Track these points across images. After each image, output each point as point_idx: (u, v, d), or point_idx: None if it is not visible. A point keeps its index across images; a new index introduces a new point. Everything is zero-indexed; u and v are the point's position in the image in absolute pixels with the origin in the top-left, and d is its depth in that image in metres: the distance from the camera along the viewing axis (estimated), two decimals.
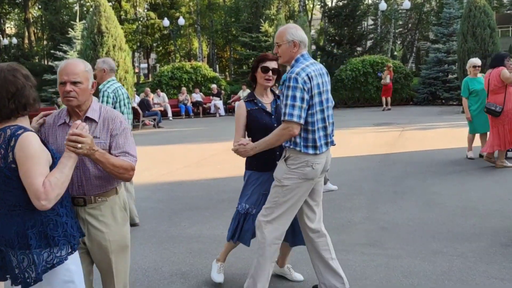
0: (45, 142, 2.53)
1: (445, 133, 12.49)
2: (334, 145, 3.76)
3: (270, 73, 3.87)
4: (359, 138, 12.34)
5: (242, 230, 3.99)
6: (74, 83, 2.72)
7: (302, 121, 3.38)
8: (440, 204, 6.34)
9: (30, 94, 2.52)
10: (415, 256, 4.63)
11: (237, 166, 9.23)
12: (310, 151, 3.49)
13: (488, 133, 9.04)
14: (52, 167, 2.46)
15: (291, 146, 3.51)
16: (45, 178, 2.36)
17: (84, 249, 2.88)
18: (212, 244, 5.21)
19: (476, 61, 9.16)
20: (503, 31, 40.81)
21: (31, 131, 2.47)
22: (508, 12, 45.17)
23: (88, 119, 2.78)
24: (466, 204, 6.31)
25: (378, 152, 10.36)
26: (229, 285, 4.19)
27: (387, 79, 20.64)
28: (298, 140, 3.49)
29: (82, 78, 2.74)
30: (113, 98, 5.65)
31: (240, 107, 3.95)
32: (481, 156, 9.17)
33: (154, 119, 19.09)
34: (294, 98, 3.36)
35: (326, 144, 3.62)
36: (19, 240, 2.43)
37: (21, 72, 2.51)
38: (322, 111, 3.54)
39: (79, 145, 2.47)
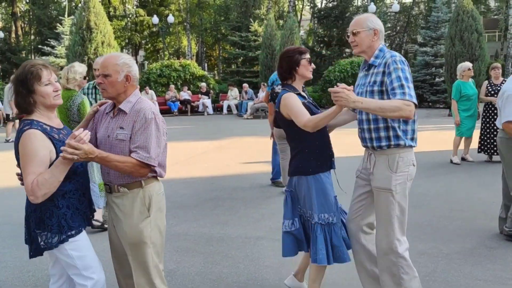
0: (52, 140, 2.72)
1: (432, 136, 12.60)
2: None
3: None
4: (347, 139, 12.39)
5: (333, 247, 3.43)
6: (105, 75, 2.84)
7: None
8: (426, 205, 6.40)
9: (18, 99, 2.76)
10: None
11: (225, 165, 9.23)
12: (414, 143, 3.24)
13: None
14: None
15: (392, 143, 3.21)
16: (35, 177, 2.59)
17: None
18: (199, 242, 5.21)
19: (470, 64, 9.19)
20: (489, 35, 41.30)
21: (39, 128, 2.68)
22: (495, 17, 45.66)
23: (121, 111, 2.88)
24: (452, 205, 6.38)
25: None
26: (216, 283, 4.19)
27: None
28: (399, 133, 3.19)
29: (111, 71, 2.82)
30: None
31: (294, 97, 3.42)
32: (463, 159, 9.26)
33: None
34: (407, 79, 3.09)
35: None
36: (27, 219, 2.85)
37: (16, 78, 2.75)
38: None
39: (74, 157, 2.57)
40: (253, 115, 20.41)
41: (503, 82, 8.93)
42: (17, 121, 14.53)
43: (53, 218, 2.76)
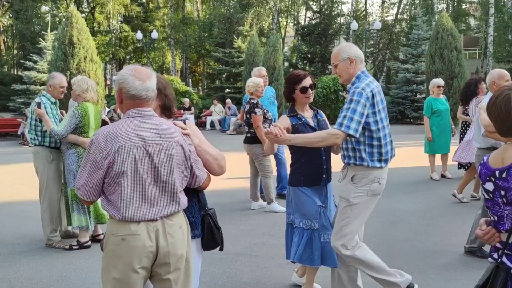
0: None
1: (412, 152, 12.71)
2: (394, 155, 3.80)
3: (309, 90, 3.96)
4: None
5: (312, 250, 3.86)
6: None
7: (357, 135, 3.45)
8: (404, 221, 6.46)
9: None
10: None
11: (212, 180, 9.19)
12: (377, 164, 3.58)
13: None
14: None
15: (358, 163, 3.58)
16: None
17: None
18: None
19: (440, 81, 9.25)
20: (470, 53, 41.96)
21: None
22: (475, 35, 46.50)
23: None
24: (429, 221, 6.45)
25: None
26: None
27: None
28: (364, 155, 3.55)
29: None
30: None
31: (284, 120, 3.94)
32: (443, 176, 9.34)
33: None
34: (354, 111, 3.41)
35: (391, 157, 3.70)
36: None
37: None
38: (388, 126, 3.66)
39: None
40: (236, 130, 20.46)
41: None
42: None
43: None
